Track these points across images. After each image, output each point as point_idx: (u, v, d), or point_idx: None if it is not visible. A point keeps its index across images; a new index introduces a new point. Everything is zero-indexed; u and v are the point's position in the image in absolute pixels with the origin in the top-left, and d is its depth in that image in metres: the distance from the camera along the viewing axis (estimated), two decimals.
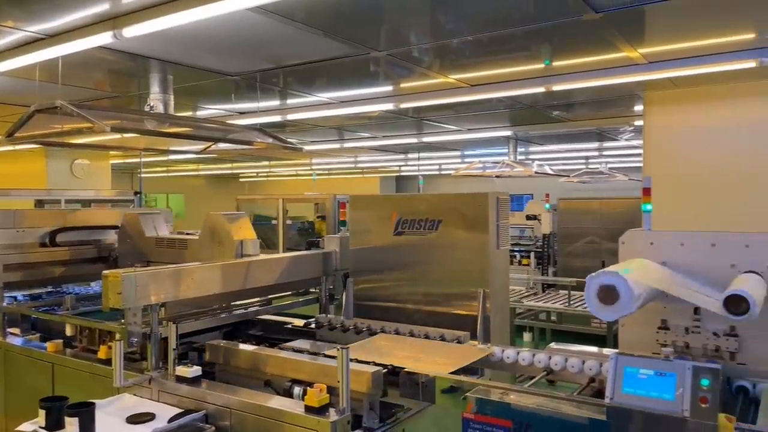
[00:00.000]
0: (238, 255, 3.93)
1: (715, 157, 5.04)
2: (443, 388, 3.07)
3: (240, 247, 3.96)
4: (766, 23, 3.58)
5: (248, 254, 3.97)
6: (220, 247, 4.02)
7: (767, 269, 2.80)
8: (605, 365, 2.81)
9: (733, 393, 2.73)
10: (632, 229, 3.18)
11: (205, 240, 4.17)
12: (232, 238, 3.97)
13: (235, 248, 3.94)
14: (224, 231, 4.03)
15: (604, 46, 3.87)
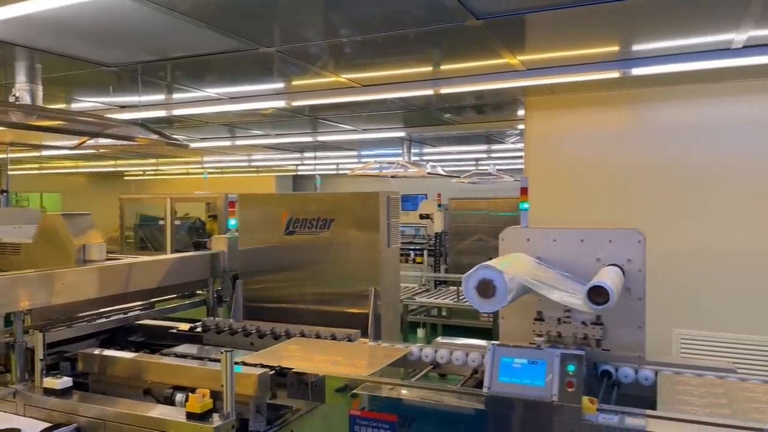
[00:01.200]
0: (80, 261, 3.59)
1: (586, 159, 5.46)
2: (338, 387, 3.07)
3: (82, 252, 3.62)
4: (627, 37, 3.92)
5: (92, 260, 3.62)
6: (57, 252, 3.65)
7: (627, 262, 3.06)
8: (487, 357, 2.93)
9: (598, 377, 2.96)
10: (511, 227, 3.35)
11: (40, 244, 3.77)
12: (72, 241, 3.61)
13: (76, 253, 3.59)
14: (63, 234, 3.66)
15: (486, 52, 4.06)
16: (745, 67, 4.25)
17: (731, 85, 4.98)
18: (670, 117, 5.24)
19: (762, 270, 4.85)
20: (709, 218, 5.05)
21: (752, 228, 4.92)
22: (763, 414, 2.30)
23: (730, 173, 5.01)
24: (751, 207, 4.93)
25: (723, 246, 4.99)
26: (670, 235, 5.09)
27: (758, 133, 4.93)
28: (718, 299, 4.98)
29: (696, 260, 5.05)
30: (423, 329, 8.43)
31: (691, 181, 5.12)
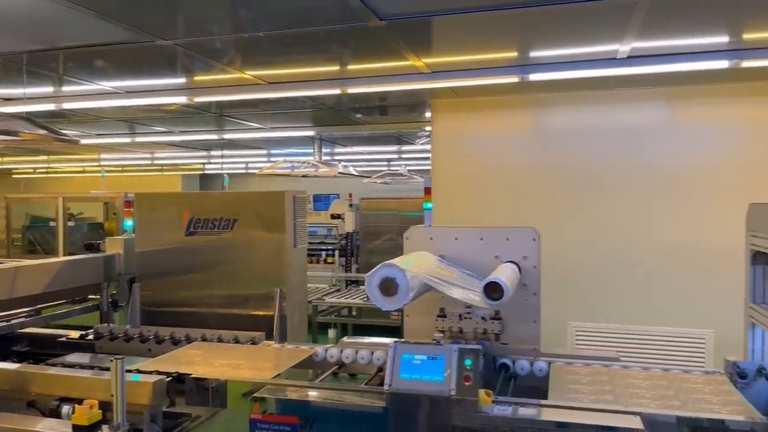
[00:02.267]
0: None
1: (489, 160, 5.66)
2: (244, 391, 2.99)
3: None
4: (525, 44, 4.10)
5: None
6: None
7: (524, 259, 3.20)
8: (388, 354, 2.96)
9: (496, 370, 3.07)
10: (415, 226, 3.42)
11: None
12: None
13: None
14: None
15: (391, 54, 4.11)
16: (630, 75, 4.56)
17: (619, 93, 5.34)
18: (565, 121, 5.55)
19: (644, 265, 5.23)
20: (600, 217, 5.39)
21: (637, 226, 5.30)
22: (641, 398, 2.47)
23: (617, 174, 5.37)
24: (636, 207, 5.30)
25: (611, 243, 5.34)
26: (565, 232, 5.38)
27: (643, 138, 5.32)
28: (607, 293, 5.32)
29: (588, 257, 5.37)
30: (334, 330, 8.41)
31: (583, 182, 5.44)
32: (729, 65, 4.20)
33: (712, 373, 2.86)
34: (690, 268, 5.05)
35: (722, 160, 5.10)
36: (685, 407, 2.38)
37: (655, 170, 5.28)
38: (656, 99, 5.30)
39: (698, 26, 3.62)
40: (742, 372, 2.83)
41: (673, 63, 4.13)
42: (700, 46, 3.96)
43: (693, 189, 5.15)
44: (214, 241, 3.91)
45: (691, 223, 5.08)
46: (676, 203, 5.19)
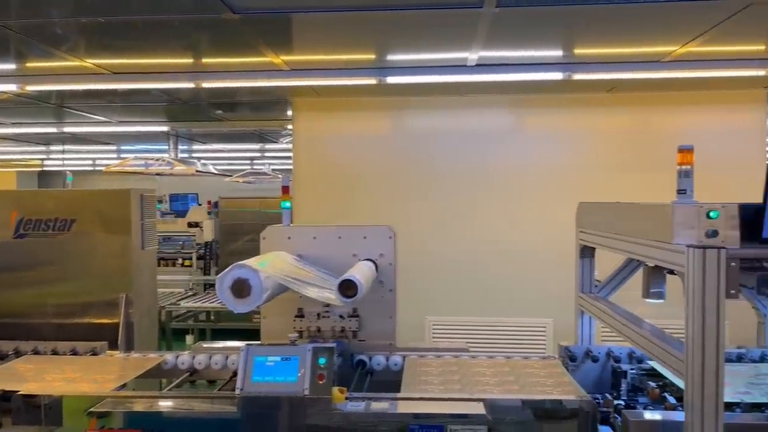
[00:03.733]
0: None
1: (350, 160, 5.73)
2: (87, 407, 2.73)
3: None
4: (382, 47, 4.20)
5: None
6: None
7: (380, 257, 3.27)
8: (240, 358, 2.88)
9: (353, 366, 3.11)
10: (272, 225, 3.35)
11: None
12: None
13: None
14: None
15: (247, 49, 4.00)
16: (479, 82, 4.85)
17: (470, 99, 5.66)
18: (421, 124, 5.78)
19: (492, 260, 5.59)
20: (453, 216, 5.67)
21: (486, 225, 5.65)
22: (486, 386, 2.63)
23: (468, 176, 5.68)
24: (485, 206, 5.65)
25: (463, 241, 5.64)
26: (421, 231, 5.59)
27: (490, 141, 5.68)
28: (461, 288, 5.62)
29: (442, 254, 5.63)
30: (192, 336, 8.02)
31: (437, 183, 5.69)
32: (563, 77, 4.63)
33: (547, 358, 3.12)
34: (532, 262, 5.48)
35: (558, 162, 5.60)
36: (522, 390, 2.57)
37: (501, 172, 5.66)
38: (501, 106, 5.69)
39: (536, 40, 3.94)
40: (573, 355, 3.12)
41: (516, 72, 4.45)
42: (538, 58, 4.31)
43: (533, 189, 5.59)
44: (48, 243, 3.55)
45: (533, 221, 5.51)
46: (519, 203, 5.61)
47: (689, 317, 2.01)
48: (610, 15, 3.41)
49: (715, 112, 5.53)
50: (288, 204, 3.41)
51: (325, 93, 5.54)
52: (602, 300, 3.21)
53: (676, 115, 5.54)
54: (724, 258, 1.98)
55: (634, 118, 5.57)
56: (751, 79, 4.92)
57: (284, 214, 3.40)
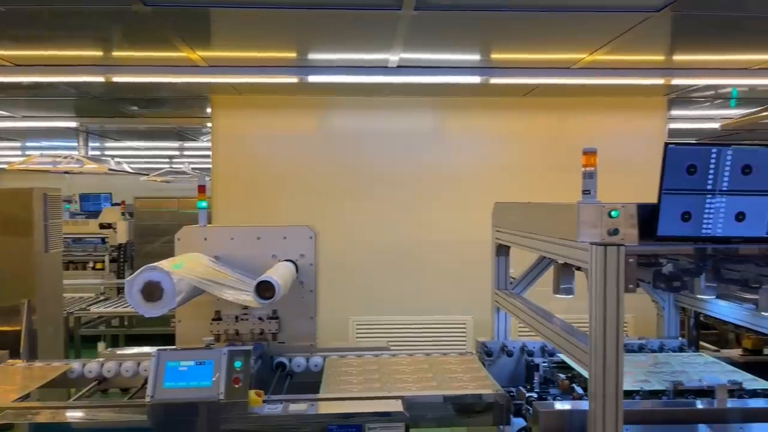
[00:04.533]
0: None
1: (272, 160, 5.63)
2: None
3: None
4: (303, 46, 4.16)
5: None
6: None
7: (301, 257, 3.24)
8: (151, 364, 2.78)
9: (273, 369, 3.07)
10: (187, 226, 3.25)
11: None
12: None
13: None
14: None
15: (161, 43, 3.85)
16: (401, 84, 4.91)
17: (394, 100, 5.71)
18: (346, 124, 5.77)
19: (414, 260, 5.67)
20: (376, 216, 5.70)
21: (408, 224, 5.72)
22: (405, 383, 2.67)
23: (391, 176, 5.73)
24: (407, 206, 5.72)
25: (386, 240, 5.68)
26: (345, 231, 5.59)
27: (414, 143, 5.76)
28: (384, 287, 5.66)
29: (366, 254, 5.65)
30: (104, 342, 7.63)
31: (361, 183, 5.71)
32: (481, 81, 4.76)
33: (465, 354, 3.20)
34: (453, 261, 5.61)
35: (478, 163, 5.76)
36: (440, 386, 2.62)
37: (423, 173, 5.75)
38: (424, 107, 5.78)
39: (454, 44, 4.03)
40: (489, 351, 3.23)
41: (436, 75, 4.54)
42: (457, 61, 4.42)
43: (454, 190, 5.72)
44: None
45: (453, 220, 5.64)
46: (440, 203, 5.72)
47: (592, 311, 2.13)
48: (524, 22, 3.54)
49: (622, 117, 5.86)
50: (204, 204, 3.31)
51: (245, 90, 5.42)
52: (516, 296, 3.33)
53: (587, 119, 5.83)
54: (623, 255, 2.11)
55: (549, 122, 5.81)
56: (653, 87, 5.25)
57: (200, 214, 3.31)
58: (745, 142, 2.19)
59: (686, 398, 2.51)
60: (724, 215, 2.18)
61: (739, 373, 2.83)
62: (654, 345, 3.43)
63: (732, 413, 2.41)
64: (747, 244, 2.23)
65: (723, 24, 3.62)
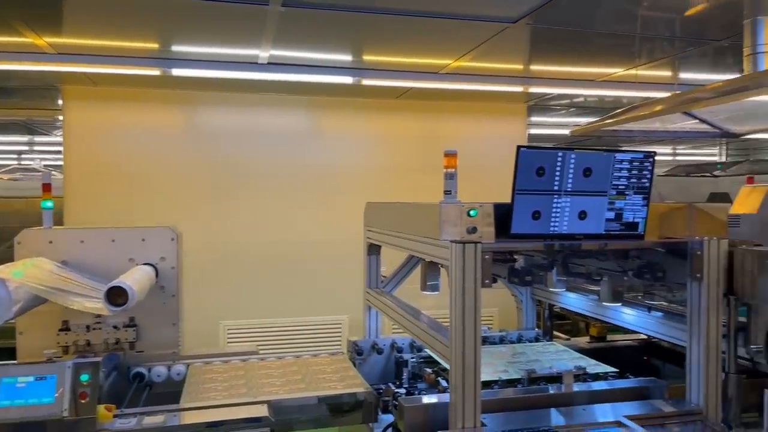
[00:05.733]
0: None
1: (133, 156, 5.26)
2: None
3: None
4: (166, 37, 3.93)
5: None
6: None
7: (161, 260, 3.06)
8: None
9: (130, 380, 2.87)
10: (29, 228, 2.95)
11: None
12: None
13: None
14: None
15: (2, 27, 3.46)
16: (274, 81, 4.81)
17: (267, 97, 5.58)
18: (216, 121, 5.53)
19: (289, 261, 5.59)
20: (248, 217, 5.53)
21: (283, 225, 5.62)
22: (272, 387, 2.61)
23: (265, 175, 5.60)
24: (281, 206, 5.62)
25: (260, 241, 5.54)
26: (215, 232, 5.37)
27: (288, 142, 5.67)
28: (258, 289, 5.51)
29: (238, 255, 5.46)
30: None
31: (233, 182, 5.51)
32: (353, 81, 4.80)
33: (336, 354, 3.20)
34: (328, 261, 5.59)
35: (352, 163, 5.79)
36: (309, 388, 2.59)
37: (298, 172, 5.68)
38: (298, 106, 5.71)
39: (326, 43, 4.02)
40: (360, 349, 3.25)
41: (308, 74, 4.50)
42: (330, 61, 4.41)
43: (329, 190, 5.71)
44: None
45: (328, 220, 5.62)
46: (315, 203, 5.68)
47: (452, 306, 2.21)
48: (394, 26, 3.61)
49: (487, 121, 6.18)
50: (50, 204, 3.03)
51: (102, 82, 5.02)
52: (387, 294, 3.39)
53: (455, 122, 6.08)
54: (480, 251, 2.21)
55: (420, 124, 5.99)
56: (514, 94, 5.60)
57: (45, 215, 3.01)
58: (586, 147, 2.39)
59: (539, 385, 2.69)
60: (569, 214, 2.36)
61: (585, 359, 3.09)
62: (513, 336, 3.64)
63: (578, 396, 2.61)
64: (588, 241, 2.43)
65: (574, 38, 3.93)
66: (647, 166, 2.40)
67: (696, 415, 2.45)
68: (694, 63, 4.64)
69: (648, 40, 3.98)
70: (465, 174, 3.72)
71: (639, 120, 3.85)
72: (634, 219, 2.43)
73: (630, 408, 2.53)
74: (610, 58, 4.44)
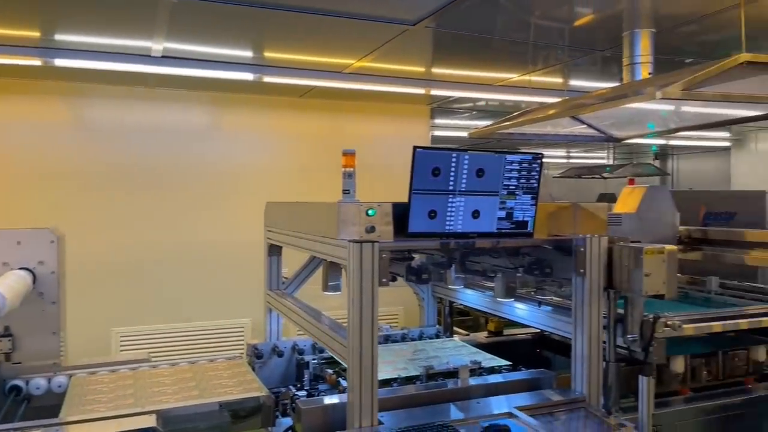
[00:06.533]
0: None
1: (7, 152, 4.83)
2: None
3: None
4: (50, 24, 3.64)
5: None
6: None
7: (39, 264, 2.84)
8: None
9: (6, 393, 2.64)
10: None
11: None
12: None
13: None
14: None
15: None
16: (170, 76, 4.59)
17: (164, 92, 5.33)
18: (107, 116, 5.18)
19: (188, 263, 5.37)
20: (143, 217, 5.24)
21: (181, 225, 5.39)
22: (163, 395, 2.48)
23: (162, 174, 5.34)
24: (180, 206, 5.38)
25: (155, 243, 5.28)
26: (105, 234, 5.06)
27: (188, 139, 5.44)
28: (154, 293, 5.25)
29: (131, 258, 5.17)
30: None
31: (126, 181, 5.20)
32: (254, 78, 4.69)
33: (233, 358, 3.11)
34: (230, 262, 5.42)
35: (256, 163, 5.66)
36: (203, 395, 2.49)
37: (198, 171, 5.47)
38: (199, 103, 5.50)
39: (224, 38, 3.89)
40: (259, 353, 3.17)
41: (206, 69, 4.34)
42: (229, 56, 4.28)
43: (231, 189, 5.54)
44: None
45: (231, 220, 5.46)
46: (216, 202, 5.49)
47: (350, 306, 2.20)
48: (295, 23, 3.55)
49: (391, 122, 6.26)
50: None
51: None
52: (288, 296, 3.34)
53: (360, 123, 6.10)
54: (377, 251, 2.22)
55: (325, 123, 5.95)
56: (417, 96, 5.70)
57: None
58: (480, 149, 2.46)
59: (436, 381, 2.74)
60: (463, 213, 2.42)
61: (481, 354, 3.19)
62: (414, 334, 3.71)
63: (473, 390, 2.69)
64: (481, 239, 2.51)
65: (473, 44, 4.06)
66: (535, 167, 2.52)
67: (580, 402, 2.60)
68: (583, 71, 4.94)
69: (541, 47, 4.19)
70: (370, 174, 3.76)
71: (532, 123, 4.04)
72: (523, 218, 2.54)
73: (522, 399, 2.64)
74: (506, 63, 4.63)
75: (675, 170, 12.58)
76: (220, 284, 5.43)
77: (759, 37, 3.74)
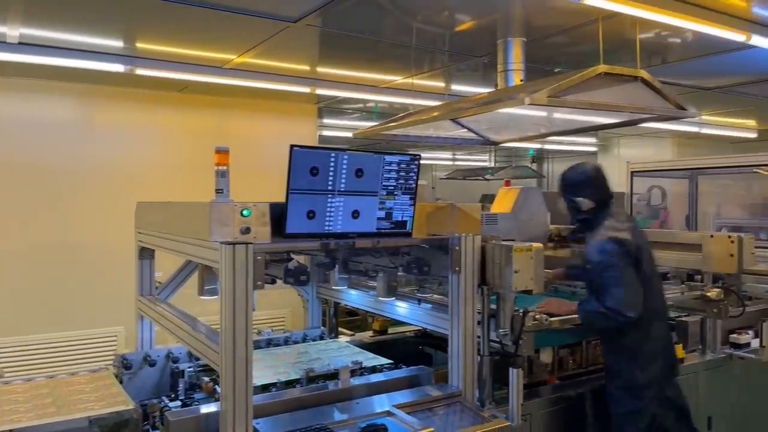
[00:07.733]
0: None
1: None
2: None
3: None
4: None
5: None
6: None
7: None
8: None
9: None
10: None
11: None
12: None
13: None
14: None
15: None
16: (31, 65, 4.18)
17: (25, 82, 4.85)
18: None
19: (51, 268, 4.94)
20: (3, 216, 4.78)
21: (41, 227, 4.94)
22: (15, 414, 2.25)
23: (24, 171, 4.87)
24: (41, 206, 4.94)
25: (15, 247, 4.81)
26: None
27: (53, 133, 5.00)
28: (14, 302, 4.77)
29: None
30: None
31: None
32: (125, 70, 4.39)
33: (98, 370, 2.88)
34: (101, 267, 5.05)
35: (129, 160, 5.31)
36: (59, 412, 2.28)
37: (66, 167, 5.05)
38: (66, 94, 5.07)
39: (89, 25, 3.61)
40: (128, 363, 2.96)
41: (69, 58, 4.00)
42: (98, 46, 3.98)
43: (103, 187, 5.16)
44: None
45: (102, 221, 5.07)
46: (86, 201, 5.09)
47: (222, 311, 2.11)
48: (169, 14, 3.37)
49: (278, 121, 6.14)
50: None
51: None
52: (160, 302, 3.15)
53: (245, 120, 5.93)
54: (251, 252, 2.14)
55: (207, 120, 5.71)
56: (303, 95, 5.63)
57: None
58: (359, 149, 2.46)
59: (317, 383, 2.71)
60: (342, 213, 2.41)
61: (364, 354, 3.20)
62: (298, 336, 3.64)
63: (355, 390, 2.68)
64: (361, 239, 2.51)
65: (357, 44, 4.07)
66: (413, 168, 2.55)
67: (456, 396, 2.68)
68: (465, 76, 5.13)
69: (424, 51, 4.29)
70: (254, 174, 3.65)
71: (415, 125, 4.12)
72: (402, 218, 2.57)
73: (402, 396, 2.67)
74: (391, 66, 4.70)
75: (550, 173, 13.43)
76: (91, 290, 5.04)
77: (618, 50, 4.07)
